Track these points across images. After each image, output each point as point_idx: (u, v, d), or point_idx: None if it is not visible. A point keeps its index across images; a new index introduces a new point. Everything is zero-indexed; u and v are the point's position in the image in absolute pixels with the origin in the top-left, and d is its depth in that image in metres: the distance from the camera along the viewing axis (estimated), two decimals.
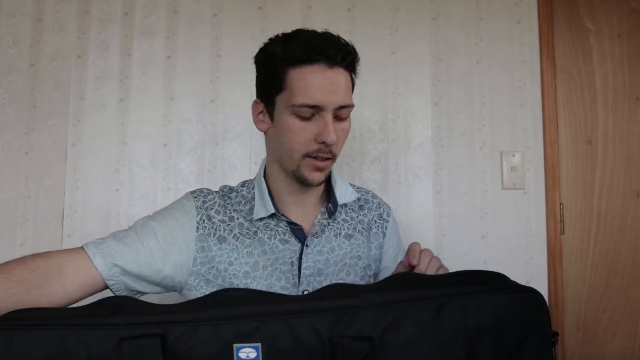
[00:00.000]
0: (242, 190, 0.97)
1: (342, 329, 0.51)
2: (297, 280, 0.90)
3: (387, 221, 1.05)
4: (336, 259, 0.94)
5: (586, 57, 1.72)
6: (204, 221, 0.89)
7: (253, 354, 0.50)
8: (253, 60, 0.95)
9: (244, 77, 1.61)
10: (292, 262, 0.90)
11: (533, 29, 1.70)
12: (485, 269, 0.92)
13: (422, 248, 0.83)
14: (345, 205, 1.00)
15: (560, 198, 1.66)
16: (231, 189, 0.99)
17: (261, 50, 0.92)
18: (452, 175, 1.65)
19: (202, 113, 1.59)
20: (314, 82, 0.81)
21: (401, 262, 0.84)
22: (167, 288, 0.89)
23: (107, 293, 0.81)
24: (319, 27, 1.62)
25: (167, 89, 1.59)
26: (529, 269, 1.63)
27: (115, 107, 1.57)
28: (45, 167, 1.53)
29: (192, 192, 0.94)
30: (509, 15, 1.70)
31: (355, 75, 0.90)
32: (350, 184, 1.04)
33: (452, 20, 1.69)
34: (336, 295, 0.55)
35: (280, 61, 0.84)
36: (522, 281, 0.59)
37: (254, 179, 1.00)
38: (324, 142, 0.83)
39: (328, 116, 0.83)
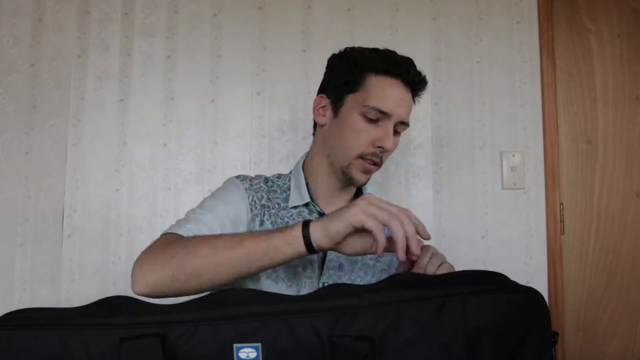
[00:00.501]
0: (277, 181, 1.03)
1: (342, 329, 0.51)
2: (320, 271, 0.94)
3: None
4: (357, 258, 0.97)
5: (586, 57, 1.72)
6: (254, 202, 0.96)
7: (253, 354, 0.50)
8: (326, 62, 1.03)
9: (244, 77, 1.61)
10: (318, 254, 0.93)
11: (533, 29, 1.70)
12: (485, 269, 0.92)
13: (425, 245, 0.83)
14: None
15: (560, 198, 1.66)
16: (267, 179, 1.04)
17: (340, 55, 1.00)
18: (452, 175, 1.65)
19: (202, 113, 1.59)
20: (390, 92, 0.91)
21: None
22: None
23: (108, 293, 0.81)
24: (319, 27, 1.63)
25: (167, 89, 1.59)
26: (529, 269, 1.63)
27: (115, 107, 1.57)
28: (45, 167, 1.53)
29: (238, 177, 1.00)
30: (509, 15, 1.70)
31: (414, 103, 0.98)
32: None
33: (452, 20, 1.69)
34: (336, 295, 0.55)
35: (364, 65, 0.93)
36: (522, 281, 0.59)
37: (290, 172, 1.06)
38: (380, 147, 0.91)
39: (390, 125, 0.91)
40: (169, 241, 0.80)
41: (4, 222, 1.51)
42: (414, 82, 0.94)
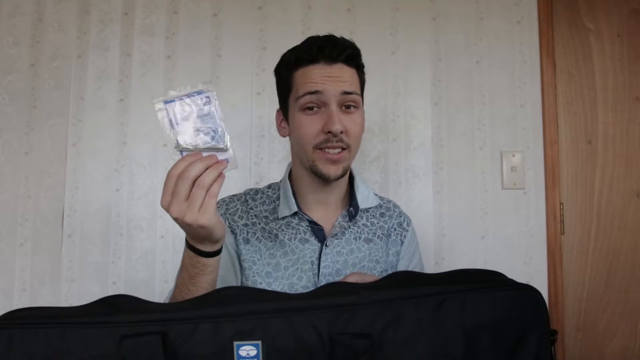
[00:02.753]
0: (267, 192, 1.03)
1: (342, 326, 0.51)
2: (316, 279, 0.93)
3: (407, 230, 1.07)
4: (354, 261, 0.96)
5: (586, 57, 1.73)
6: (232, 225, 0.96)
7: (253, 352, 0.50)
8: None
9: (244, 77, 1.61)
10: (312, 261, 0.93)
11: (533, 29, 1.70)
12: (485, 268, 0.93)
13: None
14: (367, 210, 1.03)
15: (560, 198, 1.66)
16: (257, 191, 1.04)
17: (277, 63, 0.99)
18: (452, 175, 1.65)
19: None
20: (313, 74, 0.88)
21: None
22: None
23: (108, 293, 0.81)
24: (319, 27, 1.63)
25: (167, 89, 1.59)
26: (529, 269, 1.63)
27: (115, 107, 1.57)
28: (45, 167, 1.53)
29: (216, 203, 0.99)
30: (509, 15, 1.70)
31: (362, 72, 0.95)
32: (374, 193, 1.08)
33: (452, 20, 1.69)
34: (335, 292, 0.55)
35: (289, 65, 0.91)
36: (522, 281, 0.59)
37: (280, 181, 1.05)
38: (330, 132, 0.86)
39: (333, 106, 0.87)
40: None
41: (4, 222, 1.51)
42: (335, 55, 0.88)
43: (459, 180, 1.65)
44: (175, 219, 0.63)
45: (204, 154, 0.65)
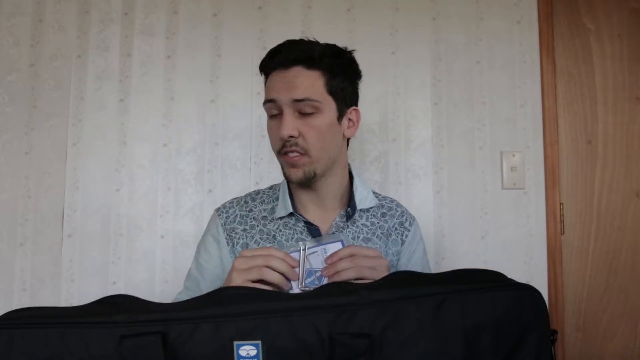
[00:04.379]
0: (268, 192, 1.05)
1: (342, 326, 0.51)
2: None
3: (409, 230, 1.06)
4: None
5: (586, 57, 1.73)
6: (230, 235, 0.99)
7: (253, 352, 0.50)
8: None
9: (244, 77, 1.61)
10: None
11: (533, 29, 1.70)
12: (485, 268, 0.93)
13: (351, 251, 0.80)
14: (367, 210, 1.03)
15: (560, 198, 1.66)
16: (258, 191, 1.07)
17: None
18: (452, 175, 1.65)
19: (202, 113, 1.60)
20: (272, 82, 0.91)
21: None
22: None
23: (108, 292, 0.81)
24: (319, 27, 1.63)
25: (167, 89, 1.59)
26: (529, 269, 1.63)
27: (115, 107, 1.57)
28: (45, 167, 1.53)
29: (217, 210, 1.04)
30: (509, 15, 1.70)
31: (334, 72, 0.91)
32: (375, 193, 1.08)
33: (452, 20, 1.69)
34: (335, 292, 0.55)
35: (263, 75, 0.96)
36: (522, 281, 0.59)
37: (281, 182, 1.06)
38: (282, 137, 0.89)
39: (286, 111, 0.88)
40: None
41: (4, 222, 1.51)
42: (291, 59, 0.88)
43: (459, 180, 1.65)
44: (235, 266, 0.74)
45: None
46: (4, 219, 1.51)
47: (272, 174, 1.59)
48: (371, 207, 1.03)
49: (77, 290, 1.51)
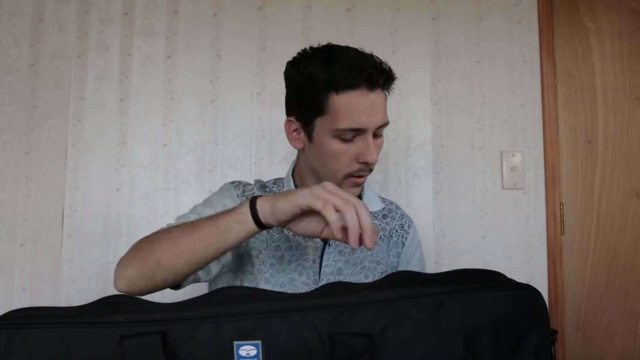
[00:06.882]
0: (273, 187, 1.02)
1: (342, 326, 0.51)
2: (317, 277, 0.94)
3: (408, 233, 1.07)
4: (356, 261, 0.97)
5: (586, 57, 1.73)
6: None
7: (253, 352, 0.50)
8: (283, 76, 0.94)
9: (244, 77, 1.61)
10: (314, 259, 0.94)
11: (533, 29, 1.70)
12: (485, 268, 0.93)
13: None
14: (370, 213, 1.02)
15: (560, 198, 1.66)
16: (264, 184, 1.03)
17: (295, 68, 0.91)
18: (452, 175, 1.65)
19: (202, 113, 1.60)
20: (357, 106, 0.83)
21: None
22: (222, 268, 0.92)
23: (108, 293, 0.81)
24: (319, 27, 1.63)
25: (167, 89, 1.59)
26: (529, 269, 1.63)
27: (115, 107, 1.57)
28: (45, 167, 1.53)
29: (232, 182, 1.00)
30: (509, 15, 1.70)
31: (388, 93, 0.91)
32: (378, 196, 1.08)
33: (452, 20, 1.69)
34: (335, 292, 0.55)
35: (324, 86, 0.84)
36: (522, 281, 0.59)
37: (284, 178, 1.04)
38: (365, 162, 0.86)
39: (369, 137, 0.86)
40: (145, 239, 0.80)
41: (4, 222, 1.51)
42: (380, 83, 0.85)
43: (459, 180, 1.65)
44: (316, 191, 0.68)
45: None
46: (4, 219, 1.51)
47: (272, 174, 1.58)
48: (375, 210, 1.03)
49: (77, 290, 1.51)
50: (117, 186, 1.55)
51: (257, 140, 1.60)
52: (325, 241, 0.95)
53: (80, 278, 1.51)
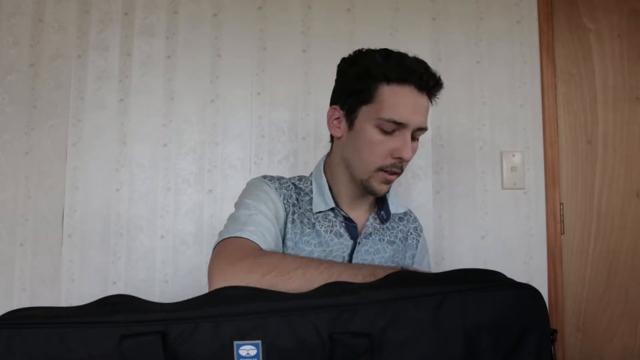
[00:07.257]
0: (299, 183, 1.02)
1: (342, 326, 0.51)
2: None
3: (420, 236, 1.11)
4: (380, 261, 0.99)
5: (586, 57, 1.73)
6: (286, 200, 0.96)
7: (253, 351, 0.50)
8: (336, 69, 0.98)
9: (244, 77, 1.61)
10: (344, 256, 0.95)
11: (533, 29, 1.70)
12: (485, 268, 0.93)
13: None
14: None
15: (560, 198, 1.66)
16: (293, 182, 1.02)
17: (351, 61, 0.96)
18: (452, 175, 1.65)
19: (202, 113, 1.60)
20: (404, 101, 0.87)
21: None
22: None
23: (108, 293, 0.81)
24: (319, 27, 1.63)
25: (167, 89, 1.59)
26: (529, 269, 1.63)
27: (115, 107, 1.57)
28: (45, 167, 1.53)
29: (264, 177, 1.00)
30: (509, 15, 1.70)
31: (431, 104, 0.95)
32: None
33: (452, 20, 1.69)
34: (336, 292, 0.55)
35: (376, 75, 0.89)
36: (522, 281, 0.59)
37: (310, 175, 1.05)
38: (399, 158, 0.89)
39: (408, 134, 0.89)
40: (251, 250, 0.76)
41: (4, 222, 1.51)
42: (429, 86, 0.90)
43: (459, 180, 1.65)
44: None
45: None
46: (4, 219, 1.51)
47: (272, 174, 1.58)
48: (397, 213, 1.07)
49: (77, 290, 1.51)
50: (117, 186, 1.55)
51: (257, 140, 1.60)
52: (355, 239, 0.97)
53: (80, 278, 1.51)
